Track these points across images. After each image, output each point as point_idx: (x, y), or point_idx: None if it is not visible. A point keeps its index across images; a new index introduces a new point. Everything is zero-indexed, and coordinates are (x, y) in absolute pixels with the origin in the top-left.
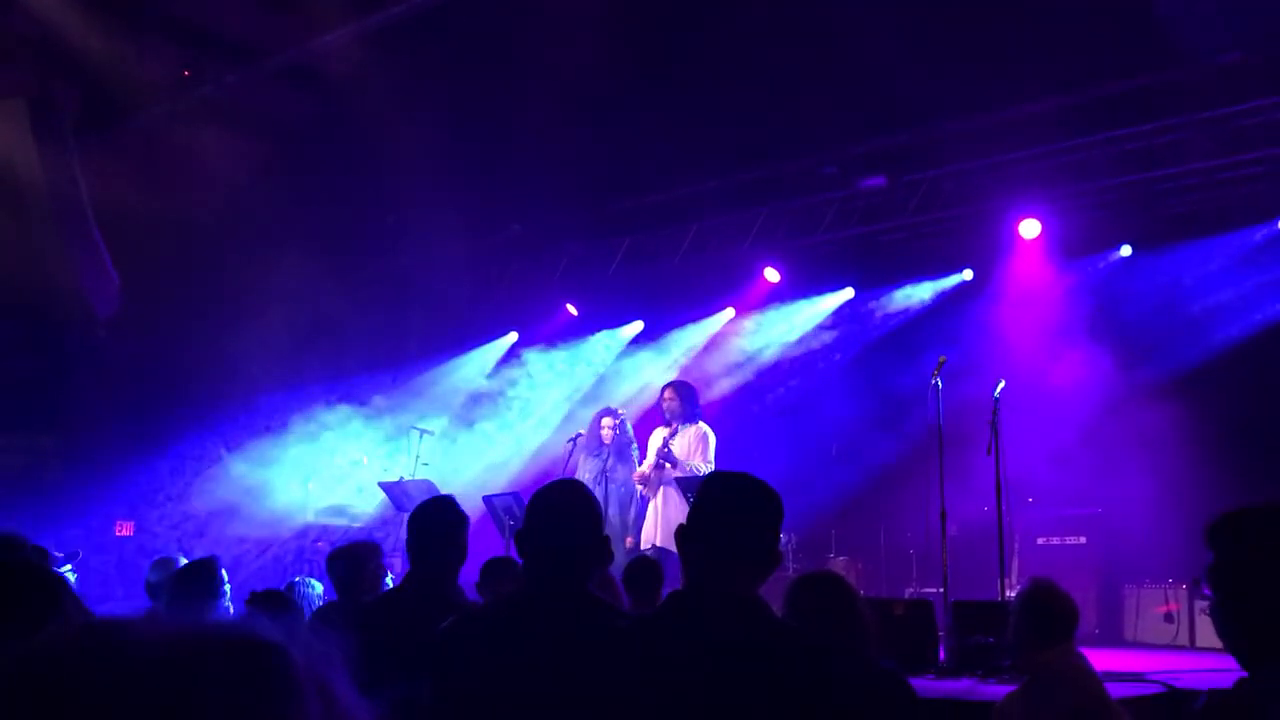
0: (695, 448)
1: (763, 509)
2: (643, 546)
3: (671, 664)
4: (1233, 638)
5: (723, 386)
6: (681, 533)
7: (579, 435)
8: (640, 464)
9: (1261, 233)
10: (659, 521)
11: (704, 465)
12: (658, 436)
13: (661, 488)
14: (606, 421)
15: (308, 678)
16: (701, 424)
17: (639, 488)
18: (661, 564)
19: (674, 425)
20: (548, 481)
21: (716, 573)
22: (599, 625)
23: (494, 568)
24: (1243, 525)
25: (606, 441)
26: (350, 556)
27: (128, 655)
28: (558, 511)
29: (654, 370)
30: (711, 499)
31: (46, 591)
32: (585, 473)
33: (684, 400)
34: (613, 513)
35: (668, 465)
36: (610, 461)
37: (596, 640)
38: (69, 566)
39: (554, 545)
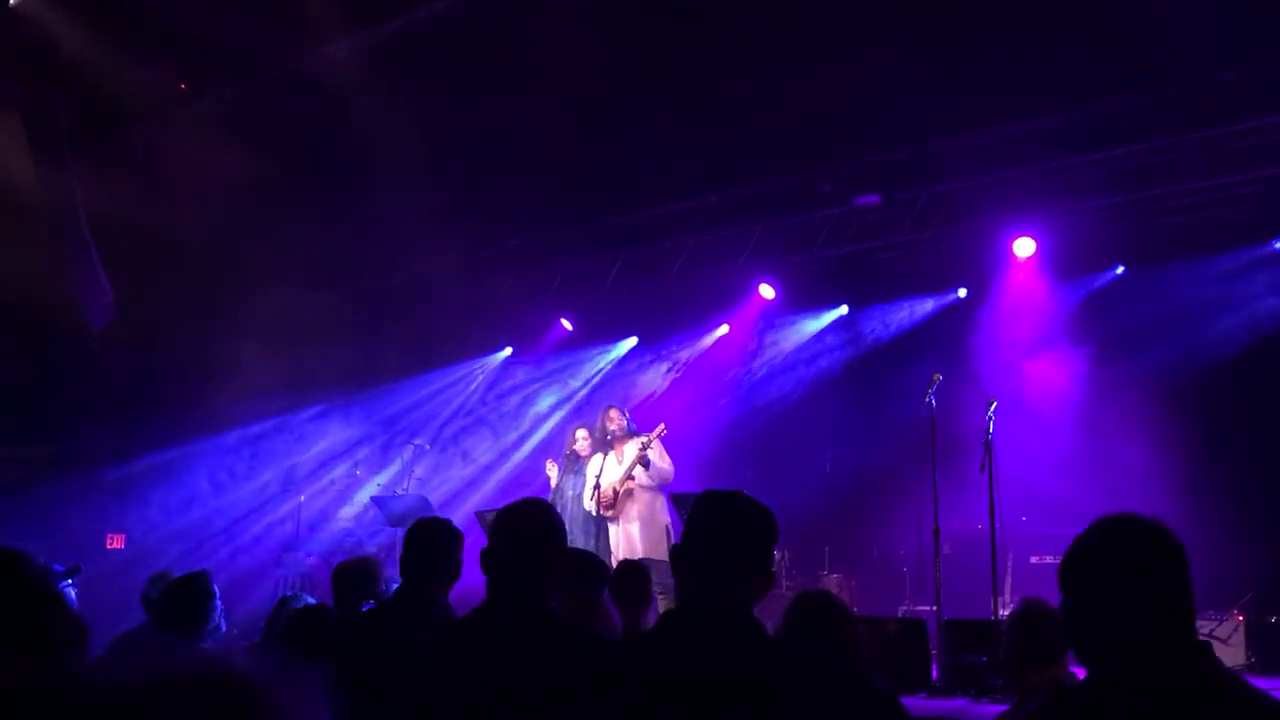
0: (661, 453)
1: (757, 527)
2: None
3: (667, 684)
4: (1082, 639)
5: (717, 402)
6: (675, 551)
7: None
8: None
9: (1256, 252)
10: (634, 539)
11: (670, 467)
12: (602, 461)
13: (633, 505)
14: (582, 434)
15: (277, 711)
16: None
17: (604, 511)
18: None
19: (619, 445)
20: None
21: (711, 591)
22: (560, 645)
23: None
24: (1089, 540)
25: (584, 454)
26: (354, 573)
27: (95, 703)
28: (519, 530)
29: (648, 385)
30: (706, 517)
31: (43, 610)
32: (569, 489)
33: (627, 418)
34: (594, 528)
35: (642, 471)
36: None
37: (556, 659)
38: (69, 582)
39: (514, 563)
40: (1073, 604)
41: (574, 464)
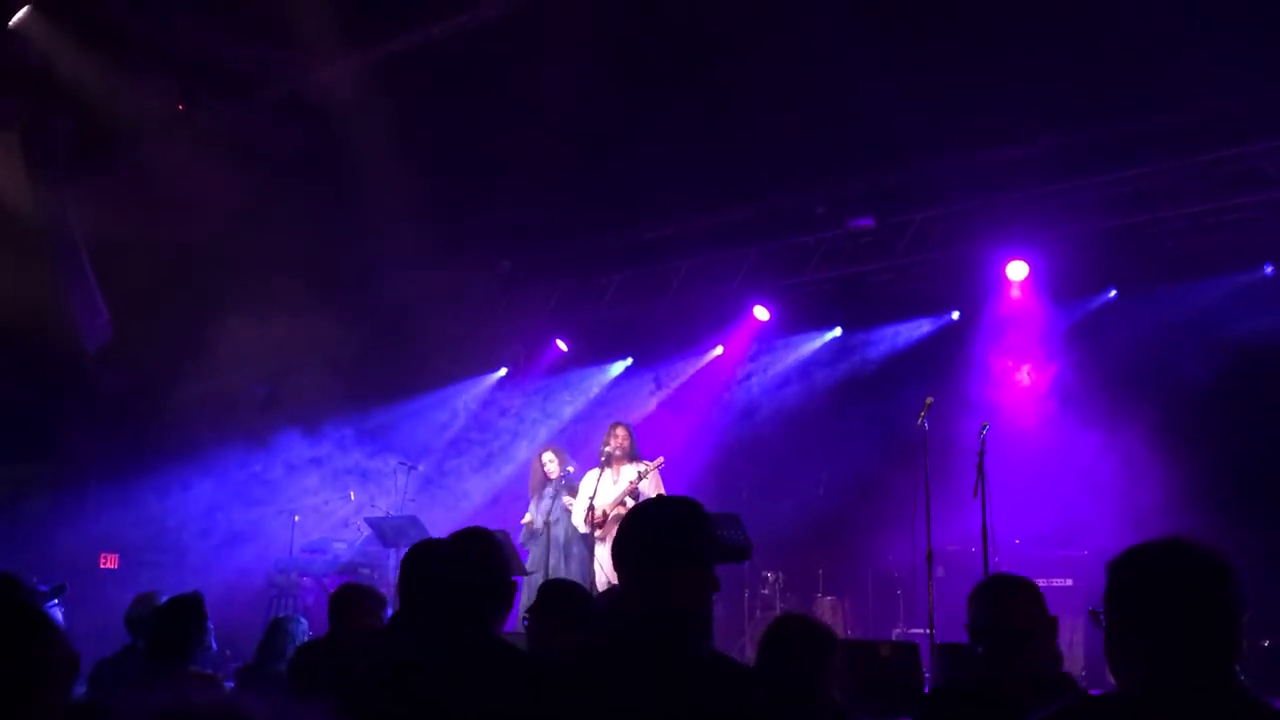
0: (657, 485)
1: (671, 521)
2: (600, 586)
3: (602, 689)
4: (1121, 660)
5: (711, 424)
6: (614, 550)
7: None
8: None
9: (1249, 276)
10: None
11: None
12: (598, 478)
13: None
14: (548, 457)
15: None
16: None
17: (595, 531)
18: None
19: (617, 465)
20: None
21: (641, 591)
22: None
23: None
24: (1144, 559)
25: (553, 476)
26: (351, 598)
27: None
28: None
29: (642, 406)
30: (642, 519)
31: (32, 633)
32: (554, 515)
33: (634, 440)
34: (578, 550)
35: (631, 502)
36: (565, 497)
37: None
38: (55, 602)
39: (446, 589)
40: (1110, 621)
41: (556, 488)
